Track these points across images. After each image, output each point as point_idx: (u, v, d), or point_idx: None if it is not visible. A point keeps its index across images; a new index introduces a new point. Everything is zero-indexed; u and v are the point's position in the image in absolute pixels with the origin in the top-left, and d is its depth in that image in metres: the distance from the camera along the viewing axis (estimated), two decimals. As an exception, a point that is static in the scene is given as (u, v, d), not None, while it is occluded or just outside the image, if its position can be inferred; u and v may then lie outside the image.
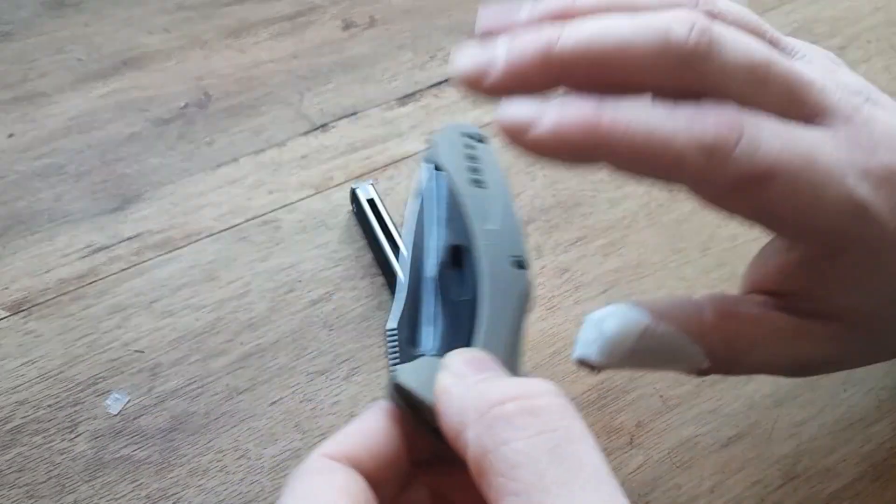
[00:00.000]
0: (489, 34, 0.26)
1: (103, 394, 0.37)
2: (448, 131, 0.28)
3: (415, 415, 0.24)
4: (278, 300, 0.41)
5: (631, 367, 0.28)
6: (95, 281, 0.41)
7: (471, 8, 0.55)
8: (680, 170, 0.24)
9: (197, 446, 0.36)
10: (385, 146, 0.48)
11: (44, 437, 0.36)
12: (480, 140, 0.29)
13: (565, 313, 0.41)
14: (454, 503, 0.25)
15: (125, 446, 0.36)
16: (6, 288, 0.40)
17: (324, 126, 0.49)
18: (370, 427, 0.24)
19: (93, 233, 0.43)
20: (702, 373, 0.28)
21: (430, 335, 0.25)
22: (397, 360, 0.24)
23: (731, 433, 0.37)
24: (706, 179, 0.24)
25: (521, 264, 0.26)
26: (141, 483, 0.35)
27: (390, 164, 0.47)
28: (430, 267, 0.26)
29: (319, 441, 0.36)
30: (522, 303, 0.26)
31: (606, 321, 0.27)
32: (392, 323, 0.25)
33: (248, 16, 0.54)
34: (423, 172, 0.27)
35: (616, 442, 0.37)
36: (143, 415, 0.37)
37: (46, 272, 0.41)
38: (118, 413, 0.37)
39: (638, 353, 0.27)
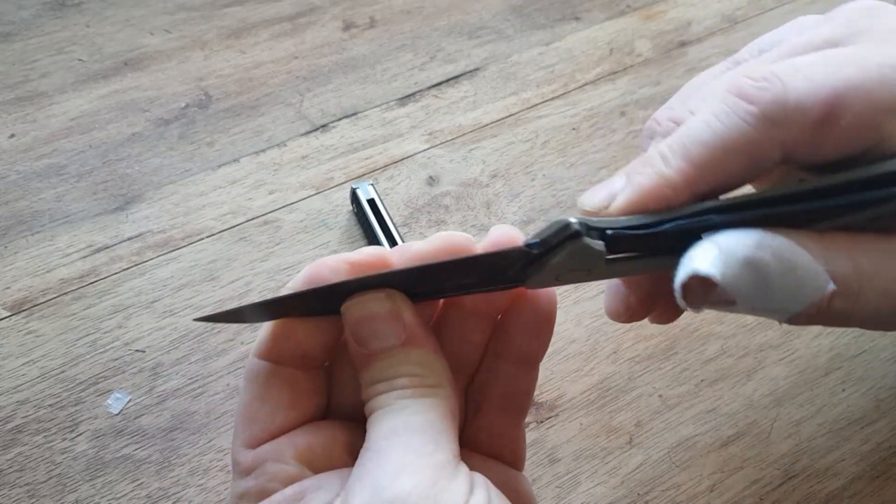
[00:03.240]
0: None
1: (104, 393, 0.37)
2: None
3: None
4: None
5: (746, 299, 0.23)
6: (96, 281, 0.41)
7: (470, 9, 0.55)
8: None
9: (198, 446, 0.36)
10: (385, 146, 0.48)
11: (45, 436, 0.36)
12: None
13: (565, 313, 0.41)
14: None
15: (126, 446, 0.36)
16: (7, 288, 0.41)
17: (324, 126, 0.49)
18: None
19: (94, 233, 0.43)
20: (817, 316, 0.24)
21: None
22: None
23: (729, 432, 0.37)
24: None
25: None
26: (142, 482, 0.35)
27: (390, 164, 0.47)
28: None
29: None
30: None
31: (718, 235, 0.24)
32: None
33: (249, 16, 0.54)
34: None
35: (615, 441, 0.37)
36: (143, 414, 0.37)
37: (48, 272, 0.41)
38: (119, 412, 0.37)
39: (754, 267, 0.23)
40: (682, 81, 0.52)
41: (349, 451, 0.25)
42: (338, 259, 0.25)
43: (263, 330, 0.26)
